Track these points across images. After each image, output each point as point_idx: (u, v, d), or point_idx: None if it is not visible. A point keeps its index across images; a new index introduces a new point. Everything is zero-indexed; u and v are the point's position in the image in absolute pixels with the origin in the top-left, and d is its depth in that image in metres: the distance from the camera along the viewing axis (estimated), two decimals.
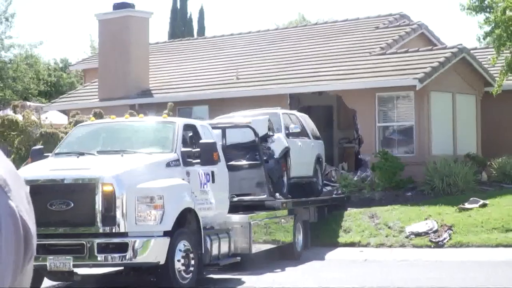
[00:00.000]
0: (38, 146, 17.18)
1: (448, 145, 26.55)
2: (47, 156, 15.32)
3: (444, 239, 19.53)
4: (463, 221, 20.12)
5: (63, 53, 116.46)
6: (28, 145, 22.83)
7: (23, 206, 1.56)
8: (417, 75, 25.13)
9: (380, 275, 16.03)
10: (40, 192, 13.22)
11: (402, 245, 19.85)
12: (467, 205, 21.03)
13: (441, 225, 20.08)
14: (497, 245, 18.74)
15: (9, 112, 28.96)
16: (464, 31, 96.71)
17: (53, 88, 55.30)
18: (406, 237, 20.07)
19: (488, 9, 24.46)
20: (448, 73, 26.45)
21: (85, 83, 37.11)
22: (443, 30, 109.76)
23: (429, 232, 19.95)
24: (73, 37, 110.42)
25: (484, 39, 26.17)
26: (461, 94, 27.41)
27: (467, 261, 17.68)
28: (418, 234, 20.01)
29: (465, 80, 27.59)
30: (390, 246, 19.93)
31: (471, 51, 28.25)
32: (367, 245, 20.21)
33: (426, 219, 20.64)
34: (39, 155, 15.38)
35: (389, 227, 20.75)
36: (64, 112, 32.75)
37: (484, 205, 20.97)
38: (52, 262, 13.16)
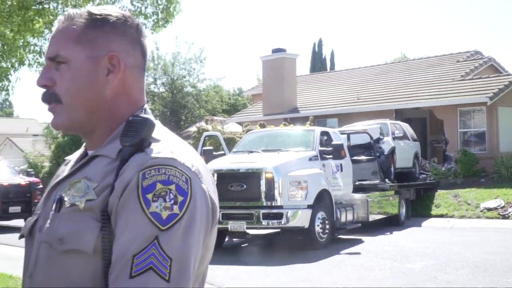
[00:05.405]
0: (209, 147, 17.30)
1: (511, 145, 25.58)
2: (215, 155, 15.59)
3: (509, 212, 18.82)
4: None
5: (238, 83, 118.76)
6: (216, 146, 23.26)
7: (211, 188, 1.62)
8: (488, 94, 24.30)
9: (461, 237, 15.57)
10: (224, 177, 13.47)
11: (478, 217, 19.23)
12: None
13: (507, 203, 19.37)
14: None
15: (202, 123, 29.72)
16: None
17: (232, 107, 56.19)
18: (481, 211, 19.44)
19: None
20: (511, 92, 25.46)
21: (253, 104, 37.57)
22: (507, 61, 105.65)
23: (498, 207, 19.27)
24: (245, 72, 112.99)
25: None
26: None
27: None
28: (489, 209, 19.34)
29: None
30: (469, 217, 19.34)
31: None
32: (452, 216, 19.72)
33: (495, 198, 19.93)
34: (209, 154, 15.66)
35: (468, 204, 20.15)
36: (239, 123, 33.28)
37: None
38: (232, 225, 13.37)
